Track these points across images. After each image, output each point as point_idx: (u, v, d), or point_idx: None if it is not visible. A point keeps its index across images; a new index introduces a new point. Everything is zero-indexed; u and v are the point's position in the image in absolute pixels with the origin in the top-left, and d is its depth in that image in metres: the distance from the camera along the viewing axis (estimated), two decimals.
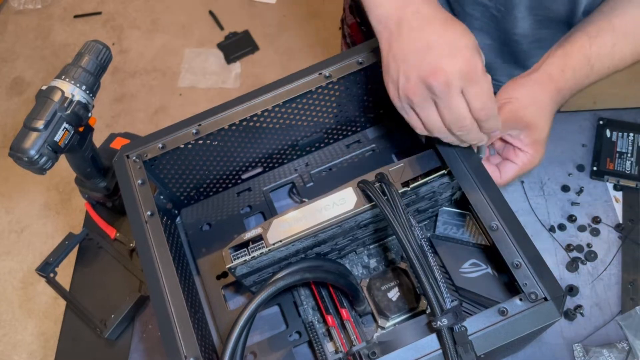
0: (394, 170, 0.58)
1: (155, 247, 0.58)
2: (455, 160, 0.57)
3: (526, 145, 0.62)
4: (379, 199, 0.53)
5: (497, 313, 0.49)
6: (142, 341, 0.74)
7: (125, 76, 2.10)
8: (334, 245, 0.63)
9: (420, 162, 0.59)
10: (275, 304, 0.68)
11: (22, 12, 2.32)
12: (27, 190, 1.88)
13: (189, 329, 0.53)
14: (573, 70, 0.63)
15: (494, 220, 0.53)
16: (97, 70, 0.66)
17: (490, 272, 0.61)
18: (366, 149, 0.76)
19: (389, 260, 0.68)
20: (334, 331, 0.62)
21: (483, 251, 0.63)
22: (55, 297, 1.64)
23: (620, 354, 0.64)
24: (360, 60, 0.65)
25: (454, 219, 0.65)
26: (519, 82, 0.63)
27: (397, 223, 0.51)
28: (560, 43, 0.65)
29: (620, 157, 0.77)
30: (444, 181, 0.59)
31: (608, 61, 0.63)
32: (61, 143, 0.64)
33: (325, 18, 2.16)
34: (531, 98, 0.62)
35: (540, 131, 0.62)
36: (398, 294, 0.63)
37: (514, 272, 0.51)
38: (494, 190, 0.55)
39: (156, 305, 0.55)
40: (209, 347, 0.60)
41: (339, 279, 0.60)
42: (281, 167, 0.76)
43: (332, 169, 0.75)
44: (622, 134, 0.79)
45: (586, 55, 0.63)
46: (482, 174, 0.56)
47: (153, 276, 0.56)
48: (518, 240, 0.52)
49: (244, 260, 0.56)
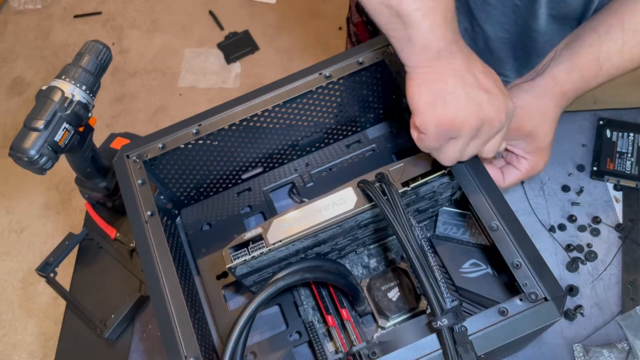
0: (394, 170, 0.58)
1: (155, 247, 0.58)
2: None
3: (528, 152, 0.62)
4: (379, 199, 0.53)
5: (498, 313, 0.49)
6: (142, 341, 0.74)
7: (125, 76, 2.10)
8: (334, 245, 0.63)
9: (420, 162, 0.59)
10: (276, 304, 0.68)
11: (22, 12, 2.32)
12: (27, 190, 1.88)
13: (189, 329, 0.53)
14: (580, 71, 0.61)
15: (494, 220, 0.53)
16: (97, 70, 0.66)
17: (490, 272, 0.61)
18: (366, 149, 0.76)
19: (389, 260, 0.68)
20: (334, 331, 0.62)
21: (483, 251, 0.63)
22: (55, 297, 1.64)
23: (620, 354, 0.64)
24: (361, 60, 0.65)
25: (454, 219, 0.65)
26: (523, 88, 0.62)
27: (397, 223, 0.51)
28: (567, 42, 0.63)
29: (620, 157, 0.77)
30: (444, 181, 0.59)
31: (617, 61, 0.61)
32: (61, 143, 0.64)
33: (325, 18, 2.16)
34: (535, 106, 0.61)
35: (542, 139, 0.62)
36: (398, 294, 0.63)
37: (514, 272, 0.51)
38: (494, 190, 0.55)
39: (156, 305, 0.55)
40: (209, 347, 0.60)
41: (339, 279, 0.60)
42: (281, 167, 0.76)
43: (332, 169, 0.75)
44: (622, 134, 0.79)
45: (595, 55, 0.61)
46: (483, 174, 0.56)
47: (153, 276, 0.56)
48: (518, 240, 0.52)
49: (244, 260, 0.56)
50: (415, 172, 0.58)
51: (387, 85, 0.70)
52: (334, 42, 2.10)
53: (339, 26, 2.14)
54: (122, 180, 0.62)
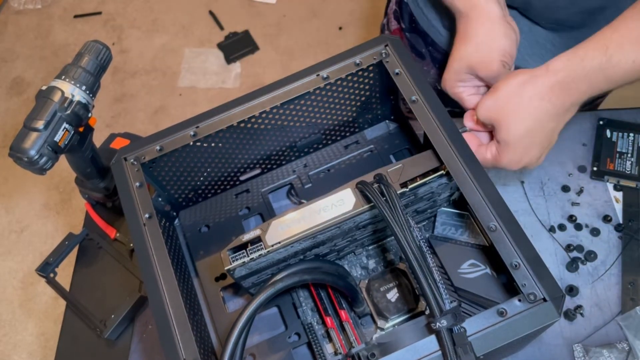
0: (392, 171, 0.58)
1: (153, 249, 0.58)
2: (453, 161, 0.57)
3: (496, 141, 0.60)
4: (378, 200, 0.53)
5: (496, 314, 0.49)
6: (142, 341, 0.74)
7: (125, 76, 2.10)
8: (332, 247, 0.63)
9: (418, 162, 0.59)
10: (274, 306, 0.68)
11: (22, 12, 2.32)
12: (27, 190, 1.88)
13: (188, 331, 0.53)
14: (581, 58, 0.54)
15: (492, 220, 0.53)
16: (97, 70, 0.66)
17: (489, 272, 0.61)
18: (364, 150, 0.76)
19: (388, 261, 0.68)
20: (333, 333, 0.62)
21: (482, 251, 0.63)
22: (55, 297, 1.64)
23: (620, 354, 0.64)
24: (358, 62, 0.65)
25: (453, 220, 0.65)
26: (515, 73, 0.58)
27: (396, 224, 0.51)
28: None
29: (621, 157, 0.77)
30: (442, 182, 0.59)
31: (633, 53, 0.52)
32: (61, 143, 0.64)
33: (325, 18, 2.16)
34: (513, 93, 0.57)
35: (506, 131, 0.58)
36: (397, 295, 0.63)
37: (513, 273, 0.50)
38: (493, 191, 0.55)
39: (154, 308, 0.55)
40: (208, 350, 0.60)
41: (338, 281, 0.60)
42: (279, 168, 0.76)
43: (331, 170, 0.75)
44: (622, 134, 0.79)
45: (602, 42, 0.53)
46: (481, 174, 0.56)
47: (151, 279, 0.56)
48: (517, 241, 0.52)
49: (242, 262, 0.56)
50: (413, 173, 0.58)
51: (385, 86, 0.70)
52: (334, 42, 2.10)
53: (339, 26, 2.13)
54: (119, 183, 0.62)
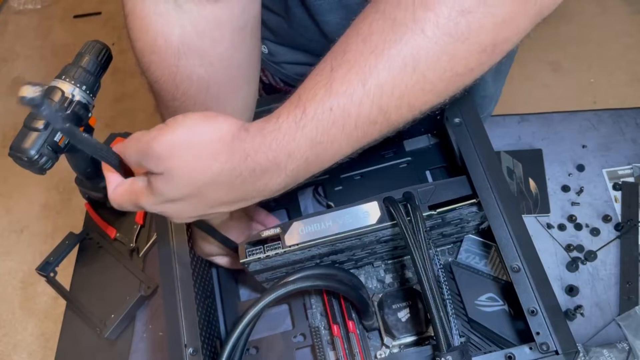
0: (422, 191, 0.56)
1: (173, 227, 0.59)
2: (487, 192, 0.55)
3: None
4: (402, 220, 0.51)
5: (504, 358, 0.48)
6: (142, 341, 0.74)
7: (125, 76, 2.10)
8: (351, 256, 0.61)
9: (451, 187, 0.57)
10: (285, 303, 0.68)
11: (22, 12, 2.32)
12: (27, 190, 1.88)
13: (194, 319, 0.54)
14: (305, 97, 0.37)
15: (516, 260, 0.52)
16: (97, 70, 0.66)
17: (506, 309, 0.59)
18: (401, 161, 0.73)
19: (405, 278, 0.66)
20: (338, 341, 0.61)
21: (502, 286, 0.61)
22: (55, 297, 1.64)
23: (620, 354, 0.64)
24: None
25: (478, 249, 0.64)
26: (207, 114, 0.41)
27: (416, 249, 0.49)
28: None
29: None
30: (472, 210, 0.57)
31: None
32: (61, 143, 0.64)
33: None
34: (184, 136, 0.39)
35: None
36: (408, 315, 0.61)
37: (529, 319, 0.49)
38: (522, 230, 0.53)
39: (165, 294, 0.56)
40: (214, 335, 0.61)
41: (351, 291, 0.58)
42: None
43: (363, 176, 0.73)
44: None
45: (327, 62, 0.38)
46: (513, 210, 0.54)
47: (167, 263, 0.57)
48: (538, 286, 0.50)
49: (258, 257, 0.55)
50: (444, 197, 0.56)
51: None
52: None
53: None
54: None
